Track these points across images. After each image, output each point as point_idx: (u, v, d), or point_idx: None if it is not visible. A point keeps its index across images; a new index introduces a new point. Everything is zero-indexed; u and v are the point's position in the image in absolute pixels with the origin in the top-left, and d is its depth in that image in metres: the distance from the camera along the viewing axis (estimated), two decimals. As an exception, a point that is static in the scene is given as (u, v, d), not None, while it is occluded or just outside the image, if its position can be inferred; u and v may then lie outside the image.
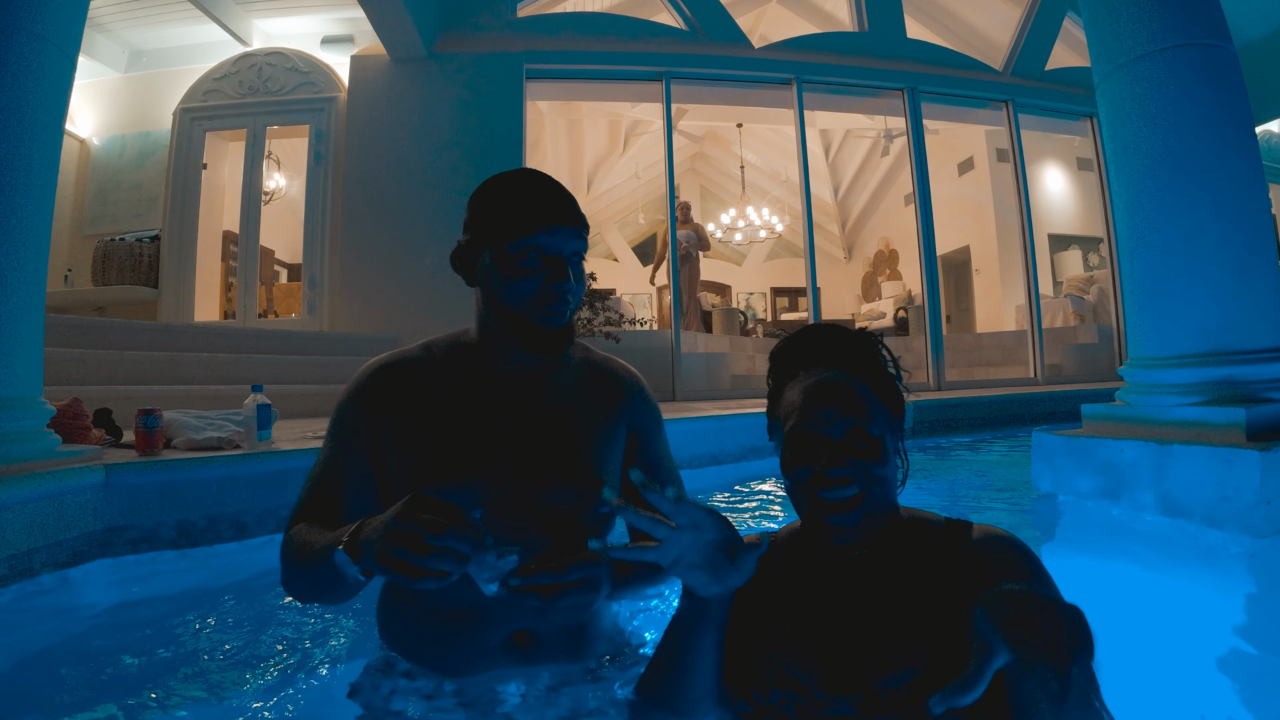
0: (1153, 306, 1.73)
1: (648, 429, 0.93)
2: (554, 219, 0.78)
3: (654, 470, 0.93)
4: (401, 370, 0.86)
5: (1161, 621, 1.11)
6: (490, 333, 0.84)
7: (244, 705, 0.85)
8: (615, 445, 0.90)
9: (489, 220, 0.81)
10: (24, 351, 1.53)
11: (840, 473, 0.66)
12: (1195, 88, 1.67)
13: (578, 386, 0.89)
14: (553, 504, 0.83)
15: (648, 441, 0.94)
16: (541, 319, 0.80)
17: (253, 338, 4.42)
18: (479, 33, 5.44)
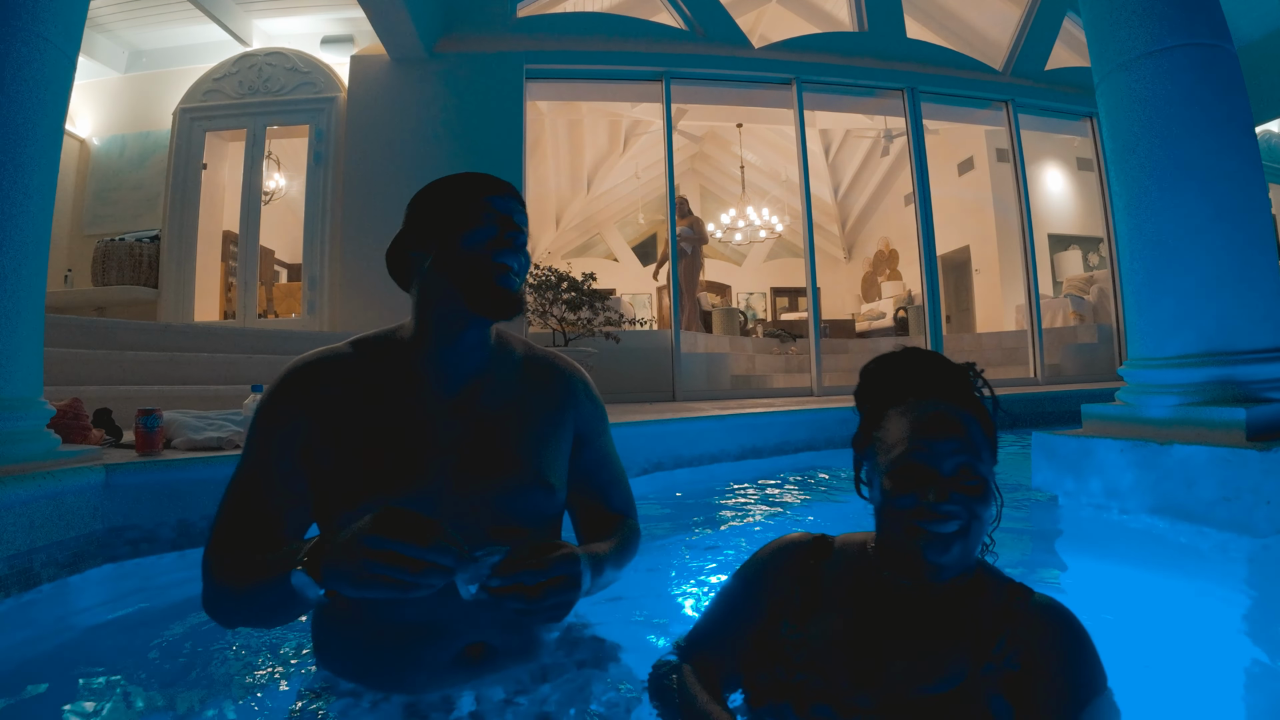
0: (1153, 306, 1.73)
1: (593, 429, 0.91)
2: (500, 186, 0.82)
3: (597, 471, 0.91)
4: (330, 368, 0.80)
5: (1161, 622, 1.11)
6: (429, 329, 0.80)
7: (251, 709, 0.85)
8: (561, 447, 0.87)
9: (439, 201, 0.81)
10: (24, 351, 1.53)
11: (948, 508, 0.66)
12: (1195, 88, 1.67)
13: (520, 385, 0.86)
14: (499, 511, 0.79)
15: (592, 442, 0.91)
16: (500, 278, 0.79)
17: (253, 338, 4.42)
18: (479, 33, 5.44)
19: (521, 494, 0.81)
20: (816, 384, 5.59)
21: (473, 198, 0.80)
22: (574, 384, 0.90)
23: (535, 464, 0.82)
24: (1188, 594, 1.21)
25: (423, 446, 0.78)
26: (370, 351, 0.82)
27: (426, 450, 0.78)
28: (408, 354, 0.82)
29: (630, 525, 0.92)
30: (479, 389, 0.83)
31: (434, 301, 0.80)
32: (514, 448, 0.82)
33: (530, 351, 0.91)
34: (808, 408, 3.34)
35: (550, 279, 4.65)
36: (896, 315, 9.20)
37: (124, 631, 1.14)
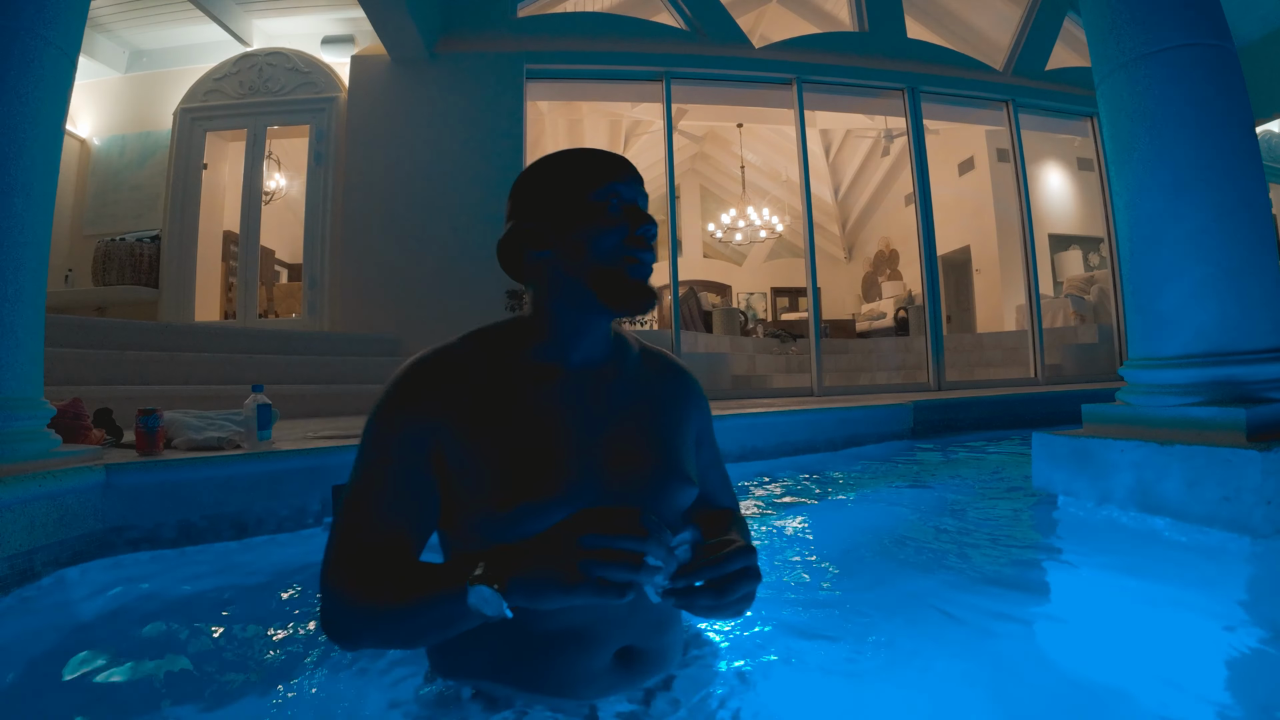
0: (1153, 306, 1.73)
1: (707, 428, 0.90)
2: (622, 168, 0.75)
3: (710, 471, 0.90)
4: (455, 364, 0.74)
5: (1161, 622, 1.11)
6: (555, 323, 0.75)
7: (250, 709, 0.85)
8: (689, 442, 0.84)
9: (555, 185, 0.74)
10: (24, 351, 1.53)
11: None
12: (1195, 88, 1.67)
13: (646, 379, 0.82)
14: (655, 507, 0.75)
15: (706, 442, 0.89)
16: (633, 270, 0.73)
17: (253, 338, 4.42)
18: (479, 33, 5.44)
19: (669, 487, 0.77)
20: (817, 384, 5.59)
21: (596, 188, 0.73)
22: (692, 381, 0.88)
23: (676, 456, 0.79)
24: (1187, 594, 1.21)
25: (567, 442, 0.73)
26: (492, 346, 0.77)
27: (571, 446, 0.73)
28: (534, 348, 0.77)
29: (742, 517, 0.91)
30: (609, 383, 0.79)
31: (561, 299, 0.75)
32: (654, 440, 0.78)
33: (644, 345, 0.87)
34: (808, 408, 3.34)
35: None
36: (897, 315, 9.20)
37: (124, 631, 1.14)
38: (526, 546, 0.59)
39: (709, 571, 0.62)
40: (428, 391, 0.72)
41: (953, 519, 1.81)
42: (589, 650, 0.71)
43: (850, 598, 1.19)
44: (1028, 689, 0.87)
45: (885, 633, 1.01)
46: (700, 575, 0.61)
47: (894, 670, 0.90)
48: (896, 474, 2.58)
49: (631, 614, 0.72)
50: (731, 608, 0.64)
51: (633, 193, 0.75)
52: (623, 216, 0.73)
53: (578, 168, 0.74)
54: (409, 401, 0.72)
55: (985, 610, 1.11)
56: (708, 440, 0.90)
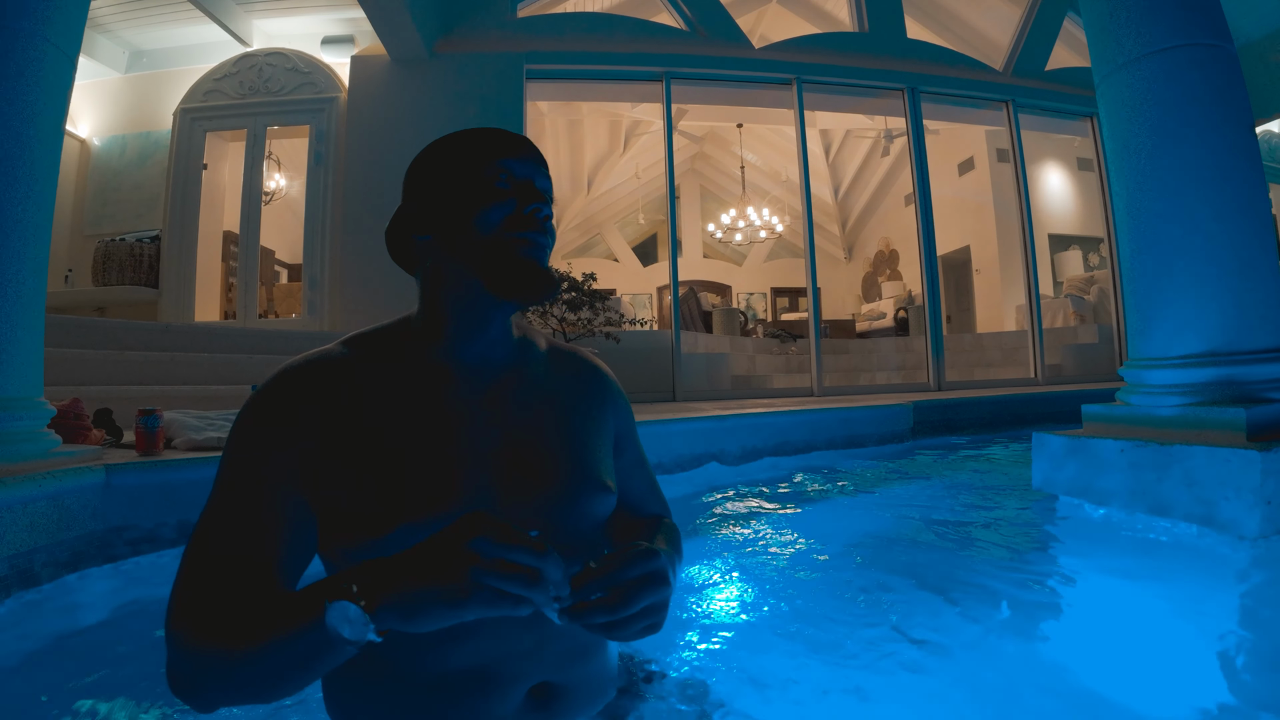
0: (1153, 307, 1.73)
1: (628, 430, 0.81)
2: (516, 145, 0.68)
3: (634, 474, 0.82)
4: (328, 371, 0.65)
5: (1161, 622, 1.11)
6: (445, 319, 0.68)
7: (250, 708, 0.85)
8: (606, 446, 0.76)
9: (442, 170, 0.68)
10: (24, 351, 1.53)
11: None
12: (1195, 88, 1.67)
13: (554, 381, 0.74)
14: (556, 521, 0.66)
15: (628, 444, 0.81)
16: (524, 250, 0.65)
17: (253, 338, 4.42)
18: (479, 33, 5.44)
19: (580, 496, 0.68)
20: (817, 384, 5.59)
21: (483, 164, 0.66)
22: (608, 381, 0.80)
23: (588, 462, 0.71)
24: (1187, 594, 1.21)
25: (458, 454, 0.64)
26: (374, 350, 0.68)
27: (463, 458, 0.64)
28: (421, 349, 0.68)
29: (670, 524, 0.82)
30: (509, 385, 0.70)
31: (448, 288, 0.67)
32: (563, 447, 0.70)
33: (553, 344, 0.79)
34: (808, 408, 3.34)
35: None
36: (897, 315, 9.20)
37: (123, 631, 1.14)
38: (402, 556, 0.49)
39: (602, 581, 0.52)
40: (294, 403, 0.62)
41: (952, 519, 1.81)
42: (496, 691, 0.62)
43: (849, 598, 1.19)
44: (1027, 689, 0.87)
45: (883, 632, 1.01)
46: (593, 587, 0.52)
47: (893, 670, 0.90)
48: (896, 474, 2.58)
49: (541, 645, 0.63)
50: (634, 624, 0.54)
51: (527, 170, 0.68)
52: (511, 192, 0.66)
53: (467, 144, 0.68)
54: (272, 415, 0.62)
55: (984, 610, 1.11)
56: (629, 443, 0.81)
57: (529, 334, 0.76)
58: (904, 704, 0.83)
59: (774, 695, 0.83)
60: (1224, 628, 1.03)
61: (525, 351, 0.73)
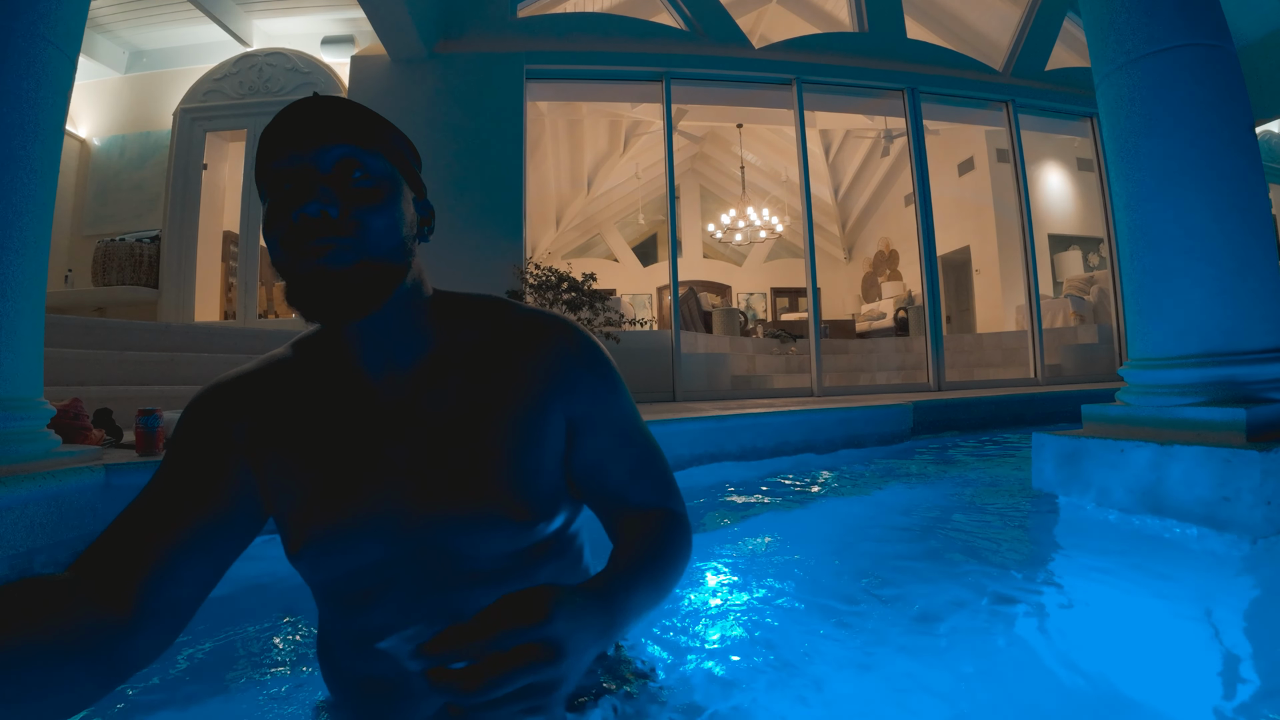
0: (1152, 307, 1.73)
1: (592, 408, 0.66)
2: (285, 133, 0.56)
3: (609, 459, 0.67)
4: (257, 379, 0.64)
5: (1160, 622, 1.11)
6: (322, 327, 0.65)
7: (249, 707, 0.85)
8: (544, 445, 0.64)
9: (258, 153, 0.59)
10: (24, 351, 1.53)
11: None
12: (1195, 88, 1.67)
13: (482, 371, 0.64)
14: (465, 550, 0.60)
15: (594, 425, 0.66)
16: (301, 265, 0.55)
17: (253, 338, 4.42)
18: (479, 33, 5.45)
19: (486, 527, 0.60)
20: (817, 384, 5.59)
21: (262, 174, 0.57)
22: (562, 353, 0.65)
23: (501, 481, 0.61)
24: (1187, 595, 1.21)
25: (364, 463, 0.60)
26: (312, 354, 0.64)
27: (368, 468, 0.60)
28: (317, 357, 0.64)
29: (671, 519, 0.68)
30: (425, 387, 0.63)
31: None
32: (474, 462, 0.61)
33: (502, 316, 0.67)
34: (808, 408, 3.34)
35: (550, 279, 4.66)
36: (897, 315, 9.21)
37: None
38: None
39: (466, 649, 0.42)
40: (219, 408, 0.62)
41: (952, 520, 1.81)
42: (406, 702, 0.60)
43: (848, 598, 1.19)
44: (1026, 689, 0.87)
45: (882, 632, 1.01)
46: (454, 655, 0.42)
47: (891, 670, 0.90)
48: (896, 474, 2.58)
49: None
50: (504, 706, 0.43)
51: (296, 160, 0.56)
52: (285, 198, 0.56)
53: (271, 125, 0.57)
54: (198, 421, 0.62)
55: (984, 611, 1.11)
56: (599, 424, 0.66)
57: (459, 319, 0.66)
58: (903, 704, 0.83)
59: (772, 696, 0.83)
60: (1224, 628, 1.03)
61: (450, 344, 0.65)
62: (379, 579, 0.61)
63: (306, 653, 1.02)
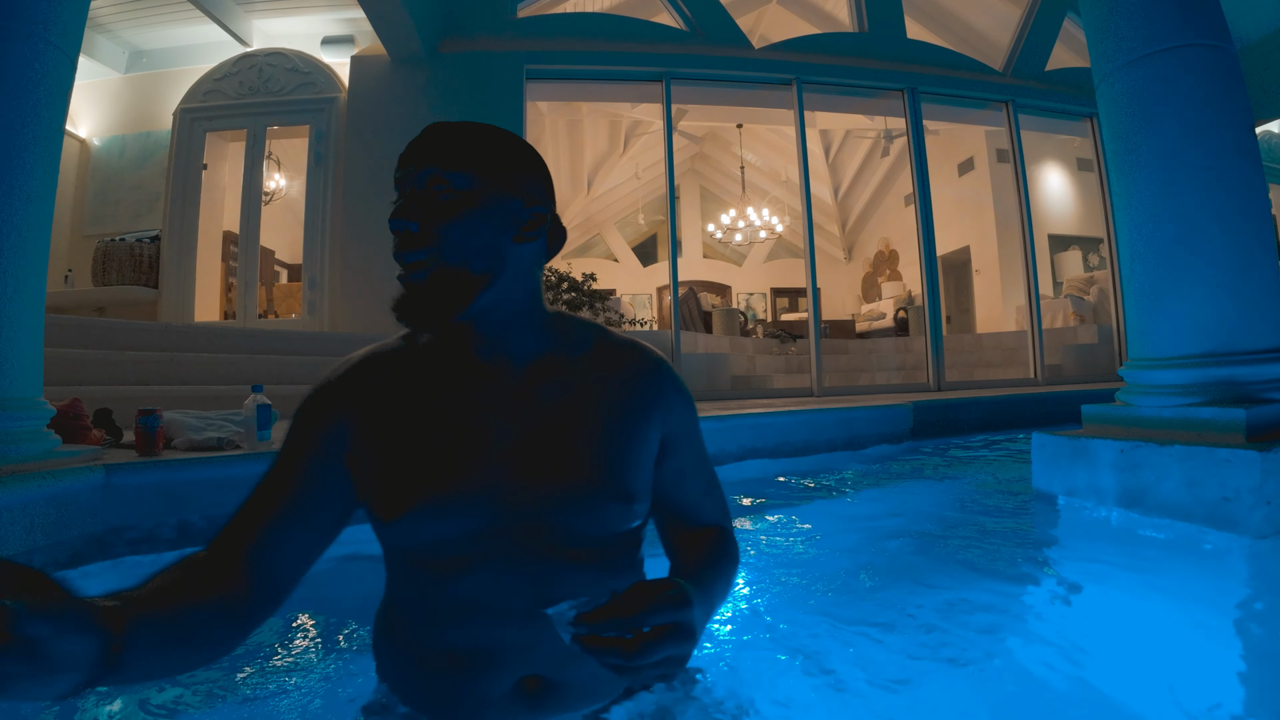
0: (1152, 307, 1.73)
1: (683, 430, 0.74)
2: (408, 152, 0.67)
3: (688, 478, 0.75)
4: (381, 359, 0.71)
5: (1160, 622, 1.11)
6: None
7: (249, 706, 0.85)
8: (643, 448, 0.70)
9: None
10: (24, 351, 1.53)
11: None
12: (1195, 88, 1.67)
13: (595, 378, 0.70)
14: (567, 524, 0.65)
15: (682, 445, 0.74)
16: (400, 277, 0.64)
17: (253, 338, 4.42)
18: (479, 33, 5.45)
19: (592, 504, 0.66)
20: (816, 384, 5.59)
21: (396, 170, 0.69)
22: (661, 379, 0.72)
23: (611, 467, 0.67)
24: (1187, 595, 1.22)
25: (473, 439, 0.65)
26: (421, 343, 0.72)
27: (478, 444, 0.65)
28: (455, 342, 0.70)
29: (728, 537, 0.76)
30: (539, 381, 0.68)
31: None
32: (584, 446, 0.67)
33: (609, 339, 0.74)
34: (808, 408, 3.34)
35: (550, 279, 4.66)
36: (897, 315, 9.21)
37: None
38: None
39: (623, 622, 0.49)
40: (345, 384, 0.68)
41: (952, 520, 1.81)
42: (486, 674, 0.64)
43: (847, 599, 1.19)
44: (1026, 689, 0.87)
45: (881, 632, 1.01)
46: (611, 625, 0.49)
47: (890, 671, 0.90)
48: (896, 474, 2.58)
49: (537, 642, 0.63)
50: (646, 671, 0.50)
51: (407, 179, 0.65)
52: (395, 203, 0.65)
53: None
54: (325, 395, 0.68)
55: (984, 611, 1.11)
56: (685, 446, 0.74)
57: (576, 326, 0.74)
58: (903, 704, 0.83)
59: (770, 695, 0.83)
60: (1224, 628, 1.03)
61: (566, 347, 0.71)
62: (474, 549, 0.65)
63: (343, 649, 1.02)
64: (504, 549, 0.64)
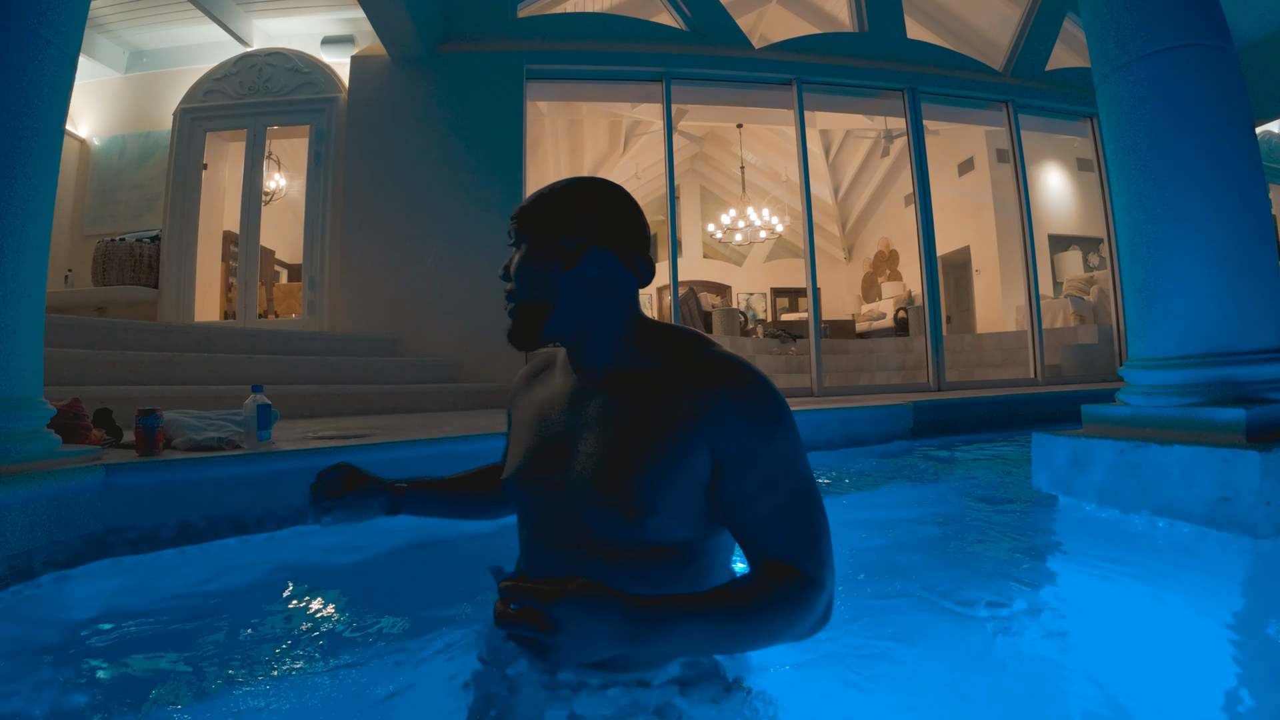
0: (1152, 307, 1.73)
1: (742, 453, 0.72)
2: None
3: (749, 503, 0.72)
4: (536, 359, 0.97)
5: (1161, 623, 1.11)
6: None
7: (249, 708, 0.85)
8: (679, 467, 0.72)
9: None
10: (24, 351, 1.53)
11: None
12: (1195, 88, 1.67)
13: (650, 392, 0.76)
14: (583, 520, 0.74)
15: (741, 468, 0.72)
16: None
17: (253, 338, 4.42)
18: (479, 33, 5.44)
19: (586, 506, 0.74)
20: (816, 384, 5.59)
21: None
22: (718, 396, 0.72)
23: (622, 478, 0.72)
24: (1187, 595, 1.21)
25: (550, 434, 0.82)
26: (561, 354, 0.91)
27: (551, 438, 0.81)
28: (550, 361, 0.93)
29: (792, 577, 0.70)
30: (604, 391, 0.79)
31: None
32: (610, 453, 0.74)
33: (682, 353, 0.78)
34: (808, 408, 3.34)
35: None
36: (897, 315, 9.20)
37: (122, 631, 1.14)
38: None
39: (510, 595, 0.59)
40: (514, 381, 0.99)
41: (952, 520, 1.81)
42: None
43: (847, 599, 1.19)
44: (1025, 690, 0.87)
45: (881, 632, 1.01)
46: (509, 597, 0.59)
47: (889, 670, 0.90)
48: (896, 474, 2.58)
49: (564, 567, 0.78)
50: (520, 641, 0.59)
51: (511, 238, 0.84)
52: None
53: None
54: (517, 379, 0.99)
55: (984, 611, 1.11)
56: (744, 470, 0.72)
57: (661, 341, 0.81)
58: (902, 704, 0.83)
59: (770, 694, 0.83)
60: (1224, 628, 1.03)
61: (642, 361, 0.79)
62: (534, 527, 0.82)
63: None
64: (551, 532, 0.79)
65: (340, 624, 1.12)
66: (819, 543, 0.73)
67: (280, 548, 1.63)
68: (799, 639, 0.72)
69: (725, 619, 0.66)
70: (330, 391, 3.90)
